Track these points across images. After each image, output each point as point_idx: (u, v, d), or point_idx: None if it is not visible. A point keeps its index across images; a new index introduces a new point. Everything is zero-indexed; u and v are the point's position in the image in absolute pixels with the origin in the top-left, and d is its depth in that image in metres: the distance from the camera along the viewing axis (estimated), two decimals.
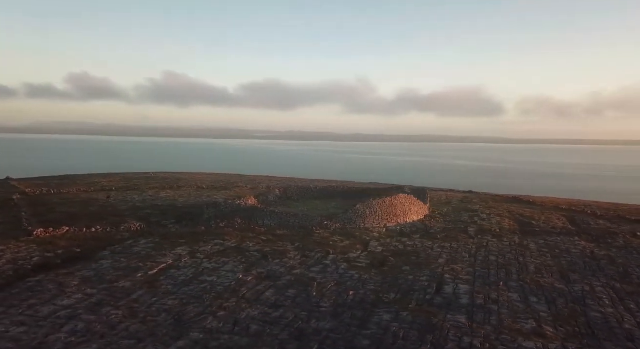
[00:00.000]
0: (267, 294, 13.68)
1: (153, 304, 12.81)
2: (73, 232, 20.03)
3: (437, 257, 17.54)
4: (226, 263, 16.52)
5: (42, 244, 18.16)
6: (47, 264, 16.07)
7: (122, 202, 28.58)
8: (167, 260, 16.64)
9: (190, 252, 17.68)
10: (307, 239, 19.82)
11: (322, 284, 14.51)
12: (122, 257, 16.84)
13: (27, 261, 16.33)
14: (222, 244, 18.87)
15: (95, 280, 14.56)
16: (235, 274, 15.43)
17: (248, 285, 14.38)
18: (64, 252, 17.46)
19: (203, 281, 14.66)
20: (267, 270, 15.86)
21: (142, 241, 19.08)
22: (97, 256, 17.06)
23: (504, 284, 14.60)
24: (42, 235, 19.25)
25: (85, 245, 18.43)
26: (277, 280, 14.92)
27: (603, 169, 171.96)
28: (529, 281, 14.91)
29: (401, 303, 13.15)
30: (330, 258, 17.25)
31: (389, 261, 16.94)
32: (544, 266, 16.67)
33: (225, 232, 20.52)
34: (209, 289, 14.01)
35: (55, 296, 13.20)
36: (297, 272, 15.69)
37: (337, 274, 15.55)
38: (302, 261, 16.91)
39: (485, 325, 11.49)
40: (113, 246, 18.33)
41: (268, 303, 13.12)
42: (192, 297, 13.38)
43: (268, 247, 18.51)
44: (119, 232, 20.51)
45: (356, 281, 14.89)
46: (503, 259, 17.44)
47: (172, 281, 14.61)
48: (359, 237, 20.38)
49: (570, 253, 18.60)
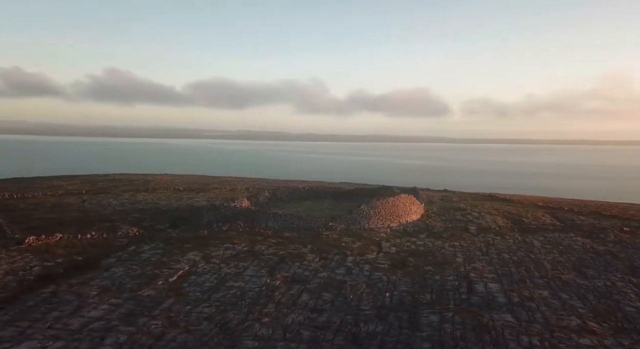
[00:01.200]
0: (304, 299, 13.44)
1: (189, 313, 12.31)
2: (67, 240, 18.83)
3: (453, 257, 17.83)
4: (246, 268, 16.07)
5: (38, 253, 17.00)
6: (49, 274, 15.11)
7: (100, 207, 27.17)
8: (182, 266, 16.00)
9: (203, 257, 17.07)
10: (318, 241, 19.62)
11: (354, 287, 14.40)
12: (133, 265, 16.04)
13: (28, 271, 15.26)
14: (233, 247, 18.33)
15: (115, 289, 13.79)
16: (260, 278, 15.04)
17: (279, 290, 14.06)
18: (65, 260, 16.45)
19: (230, 287, 14.20)
20: (291, 274, 15.56)
21: (146, 247, 18.25)
22: (103, 264, 16.20)
23: (530, 281, 15.04)
24: (35, 243, 17.97)
25: (85, 253, 17.40)
26: (306, 284, 14.67)
27: (540, 167, 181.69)
28: (551, 278, 15.44)
29: (440, 303, 13.26)
30: (350, 260, 17.15)
31: (408, 262, 17.06)
32: (557, 263, 17.31)
33: (231, 235, 19.96)
34: (239, 295, 13.60)
35: (79, 307, 12.44)
36: (323, 275, 15.49)
37: (363, 276, 15.47)
38: (323, 263, 16.72)
39: (533, 323, 11.78)
40: (116, 253, 17.45)
41: (307, 307, 12.88)
42: (226, 304, 12.96)
43: (282, 250, 18.16)
44: (117, 238, 19.50)
45: (386, 282, 14.88)
46: (516, 257, 17.96)
47: (198, 288, 14.07)
48: (368, 238, 20.39)
49: (573, 249, 19.43)
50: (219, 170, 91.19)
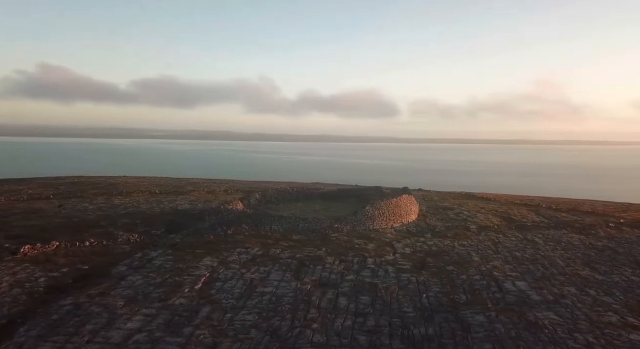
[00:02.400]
0: (343, 303, 13.30)
1: (232, 321, 11.95)
2: (65, 248, 17.67)
3: (468, 256, 18.16)
4: (269, 272, 15.70)
5: (38, 263, 15.91)
6: (58, 285, 14.26)
7: (79, 212, 25.70)
8: (202, 272, 15.44)
9: (220, 262, 16.56)
10: (330, 243, 19.45)
11: (387, 289, 14.39)
12: (150, 273, 15.38)
13: (34, 282, 14.27)
14: (247, 252, 17.86)
15: (142, 299, 13.17)
16: (289, 283, 14.74)
17: (314, 294, 13.84)
18: (70, 270, 15.52)
19: (262, 293, 13.87)
20: (318, 277, 15.34)
21: (153, 254, 17.47)
22: (114, 273, 15.40)
23: (552, 278, 15.57)
24: (30, 252, 16.71)
25: (89, 261, 16.44)
26: (337, 287, 14.52)
27: (487, 165, 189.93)
28: (570, 274, 16.03)
29: (477, 303, 13.45)
30: (370, 262, 17.10)
31: (428, 262, 17.22)
32: (566, 259, 17.97)
33: (239, 239, 19.44)
34: (275, 301, 13.31)
35: (112, 319, 11.82)
36: (351, 278, 15.37)
37: (391, 278, 15.48)
38: (345, 266, 16.58)
39: (578, 321, 12.14)
40: (124, 261, 16.63)
41: (350, 311, 12.75)
42: (266, 310, 12.67)
43: (298, 253, 17.89)
44: (118, 245, 18.56)
45: (416, 283, 14.94)
46: (527, 254, 18.52)
47: (229, 295, 13.64)
48: (377, 239, 20.41)
49: (574, 245, 20.27)
50: (168, 171, 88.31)
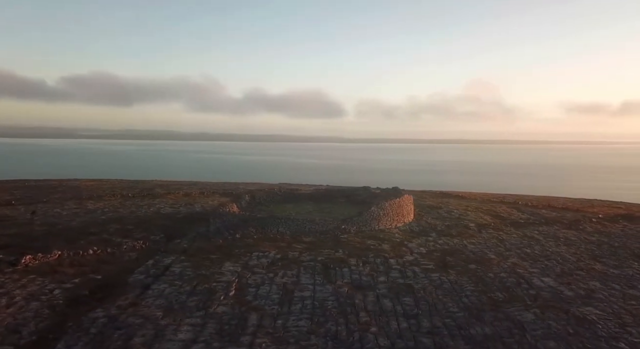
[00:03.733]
0: (388, 305, 13.27)
1: (287, 327, 11.72)
2: (68, 257, 16.47)
3: (483, 254, 18.55)
4: (298, 276, 15.47)
5: (46, 274, 14.91)
6: (77, 297, 13.49)
7: (56, 218, 24.21)
8: (229, 278, 15.04)
9: (243, 267, 16.17)
10: (344, 244, 19.31)
11: (425, 290, 14.44)
12: (174, 281, 14.85)
13: (49, 295, 13.52)
14: (265, 256, 17.42)
15: (179, 308, 12.71)
16: (324, 286, 14.57)
17: (355, 297, 13.71)
18: (83, 281, 14.68)
19: (302, 297, 13.66)
20: (350, 280, 15.18)
21: (167, 261, 16.81)
22: (131, 282, 14.69)
23: (573, 273, 16.16)
24: (32, 263, 15.34)
25: (100, 271, 15.54)
26: (374, 289, 14.47)
27: (432, 164, 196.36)
28: (586, 269, 16.70)
29: (516, 300, 13.72)
30: (393, 263, 17.11)
31: (449, 261, 17.41)
32: (574, 254, 18.71)
33: (251, 243, 18.97)
34: (320, 305, 13.15)
35: (159, 330, 11.38)
36: (383, 279, 15.34)
37: (421, 278, 15.56)
38: (371, 267, 16.52)
39: (622, 314, 12.62)
40: (137, 269, 15.89)
41: (399, 313, 12.75)
42: (316, 315, 12.47)
43: (318, 255, 17.69)
44: (124, 253, 17.61)
45: (449, 283, 15.09)
46: (537, 251, 19.12)
47: (269, 301, 13.35)
48: (387, 239, 20.45)
49: (572, 241, 21.11)
50: (106, 173, 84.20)
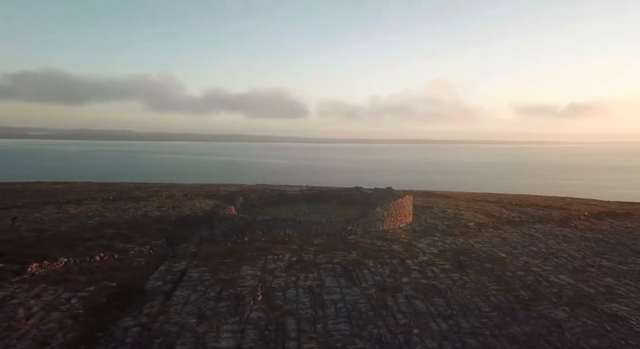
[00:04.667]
0: (420, 306, 13.30)
1: (328, 332, 11.59)
2: (76, 264, 15.70)
3: (493, 253, 18.85)
4: (321, 278, 15.38)
5: (57, 283, 14.32)
6: (95, 306, 12.92)
7: (39, 224, 22.82)
8: (252, 283, 14.84)
9: (262, 271, 15.96)
10: (354, 246, 19.25)
11: (451, 290, 14.55)
12: (196, 286, 14.49)
13: (67, 304, 13.04)
14: (280, 259, 17.21)
15: (211, 314, 12.46)
16: (350, 288, 14.52)
17: (386, 298, 13.65)
18: (98, 288, 14.15)
19: (333, 300, 13.58)
20: (374, 281, 15.13)
21: (180, 266, 16.35)
22: (150, 288, 14.28)
23: (585, 270, 16.64)
24: (38, 271, 14.50)
25: (113, 278, 15.02)
26: (401, 290, 14.48)
27: (396, 164, 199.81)
28: (595, 266, 17.21)
29: (542, 298, 13.99)
30: (409, 263, 17.16)
31: (463, 261, 17.59)
32: (578, 251, 19.27)
33: (262, 246, 18.69)
34: (353, 308, 13.09)
35: (199, 338, 10.95)
36: (406, 280, 15.36)
37: (442, 278, 15.66)
38: (391, 268, 16.52)
39: None
40: (152, 275, 15.49)
41: (434, 314, 12.80)
42: (353, 318, 12.38)
43: (333, 258, 17.58)
44: (132, 258, 17.02)
45: (472, 282, 15.24)
46: (543, 249, 19.58)
47: (300, 305, 13.25)
48: (395, 240, 20.51)
49: (570, 238, 21.73)
50: (59, 175, 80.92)
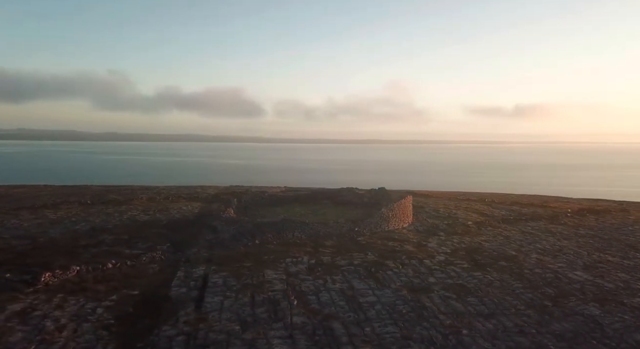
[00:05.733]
0: (457, 306, 13.43)
1: (378, 335, 11.44)
2: (88, 272, 14.88)
3: (503, 251, 19.21)
4: (346, 280, 15.32)
5: (75, 292, 13.70)
6: (125, 316, 12.43)
7: (19, 230, 21.45)
8: (281, 287, 14.65)
9: (286, 274, 15.78)
10: (368, 247, 19.25)
11: (480, 289, 14.75)
12: (225, 292, 14.10)
13: (95, 315, 12.38)
14: (299, 261, 17.12)
15: (252, 321, 11.99)
16: (382, 290, 14.54)
17: (421, 300, 13.71)
18: (121, 297, 13.57)
19: (370, 303, 13.49)
20: (403, 283, 15.20)
21: (198, 272, 16.02)
22: (176, 295, 13.80)
23: (596, 266, 17.29)
24: (51, 280, 13.71)
25: (132, 285, 14.59)
26: (431, 291, 14.55)
27: (350, 163, 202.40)
28: (603, 261, 17.85)
29: (568, 295, 14.30)
30: (428, 263, 17.31)
31: (479, 260, 17.89)
32: (582, 247, 19.91)
33: (275, 249, 18.45)
34: (393, 310, 13.05)
35: (251, 345, 10.51)
36: (432, 280, 15.49)
37: (466, 277, 15.85)
38: (414, 269, 16.61)
39: None
40: (172, 282, 14.99)
41: (473, 314, 12.91)
42: (398, 320, 12.30)
43: (353, 259, 17.50)
44: (145, 265, 16.45)
45: (496, 281, 15.49)
46: (548, 246, 20.14)
47: (338, 308, 13.05)
48: (406, 240, 20.64)
49: (567, 235, 22.36)
50: (15, 177, 77.14)
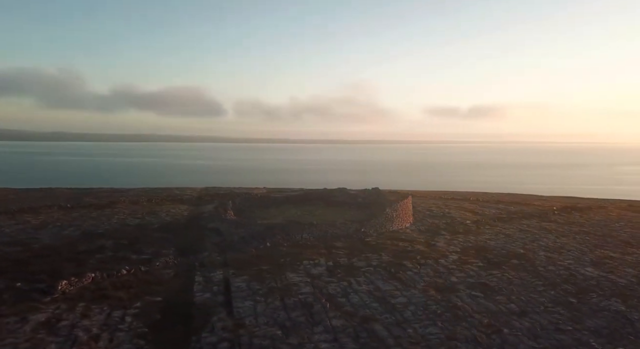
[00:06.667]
0: (487, 305, 13.78)
1: (423, 336, 11.64)
2: (103, 279, 14.51)
3: (511, 249, 19.69)
4: (371, 282, 15.51)
5: (97, 301, 13.50)
6: (156, 323, 12.26)
7: (9, 237, 20.79)
8: (308, 289, 14.68)
9: (309, 276, 15.80)
10: (379, 248, 19.43)
11: (503, 288, 15.05)
12: (254, 296, 13.97)
13: (124, 323, 12.06)
14: (317, 263, 17.22)
15: (291, 325, 12.04)
16: (409, 290, 14.75)
17: (451, 299, 13.94)
18: (145, 304, 13.31)
19: (402, 304, 13.66)
20: (428, 283, 15.39)
21: (217, 276, 15.97)
22: (201, 301, 13.68)
23: (603, 261, 17.95)
24: (67, 288, 13.20)
25: (152, 292, 14.51)
26: (457, 290, 14.78)
27: (319, 163, 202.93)
28: (608, 257, 18.52)
29: (589, 291, 14.78)
30: (444, 263, 17.57)
31: (491, 258, 18.26)
32: (581, 244, 20.60)
33: (288, 252, 18.42)
34: (428, 310, 13.27)
35: None
36: (455, 280, 15.77)
37: (486, 276, 16.19)
38: (432, 269, 16.86)
39: None
40: (193, 287, 14.88)
41: (505, 312, 13.23)
42: (434, 320, 12.50)
43: (370, 260, 17.57)
44: (159, 270, 16.27)
45: (517, 279, 15.87)
46: (550, 243, 20.77)
47: (373, 310, 13.20)
48: (414, 240, 20.86)
49: (561, 232, 23.13)
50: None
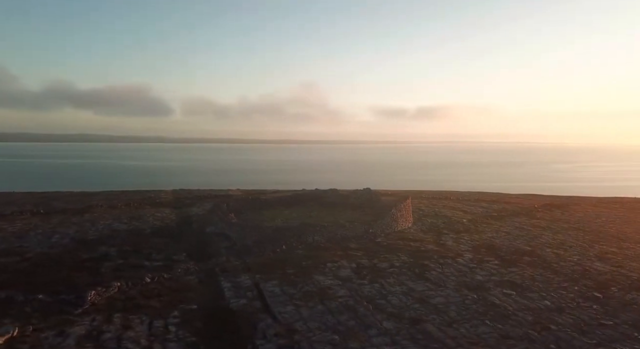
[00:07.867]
0: (523, 301, 14.21)
1: (478, 335, 11.96)
2: (130, 288, 14.40)
3: (517, 246, 20.43)
4: (402, 283, 15.68)
5: (132, 310, 13.05)
6: (200, 332, 11.91)
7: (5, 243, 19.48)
8: (344, 292, 14.77)
9: (338, 279, 15.80)
10: (393, 248, 19.68)
11: (531, 285, 15.63)
12: (294, 301, 13.97)
13: (170, 334, 11.76)
14: (340, 265, 17.34)
15: (344, 329, 12.08)
16: (444, 290, 15.05)
17: (488, 298, 14.37)
18: (183, 313, 12.99)
19: (443, 304, 13.92)
20: (457, 282, 15.79)
21: (245, 282, 15.91)
22: (237, 307, 13.49)
23: (608, 257, 18.91)
24: (96, 299, 13.01)
25: (185, 300, 14.11)
26: (488, 289, 15.25)
27: (272, 164, 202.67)
28: (610, 252, 19.41)
29: (609, 286, 15.54)
30: (462, 261, 18.05)
31: (503, 256, 18.90)
32: (579, 240, 21.54)
33: (306, 254, 18.48)
34: (467, 309, 13.60)
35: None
36: (480, 278, 16.22)
37: (507, 273, 16.69)
38: (455, 268, 17.25)
39: None
40: (224, 294, 14.66)
41: (542, 309, 13.72)
42: (480, 319, 12.84)
43: (392, 261, 17.86)
44: (182, 277, 16.16)
45: (538, 276, 16.48)
46: (551, 239, 21.66)
47: (417, 311, 13.37)
48: (423, 239, 21.26)
49: (554, 229, 24.17)
50: None
